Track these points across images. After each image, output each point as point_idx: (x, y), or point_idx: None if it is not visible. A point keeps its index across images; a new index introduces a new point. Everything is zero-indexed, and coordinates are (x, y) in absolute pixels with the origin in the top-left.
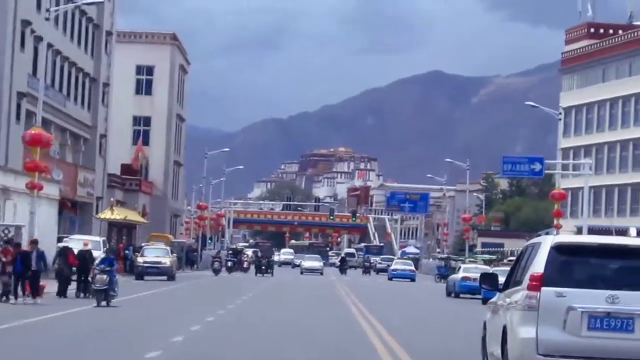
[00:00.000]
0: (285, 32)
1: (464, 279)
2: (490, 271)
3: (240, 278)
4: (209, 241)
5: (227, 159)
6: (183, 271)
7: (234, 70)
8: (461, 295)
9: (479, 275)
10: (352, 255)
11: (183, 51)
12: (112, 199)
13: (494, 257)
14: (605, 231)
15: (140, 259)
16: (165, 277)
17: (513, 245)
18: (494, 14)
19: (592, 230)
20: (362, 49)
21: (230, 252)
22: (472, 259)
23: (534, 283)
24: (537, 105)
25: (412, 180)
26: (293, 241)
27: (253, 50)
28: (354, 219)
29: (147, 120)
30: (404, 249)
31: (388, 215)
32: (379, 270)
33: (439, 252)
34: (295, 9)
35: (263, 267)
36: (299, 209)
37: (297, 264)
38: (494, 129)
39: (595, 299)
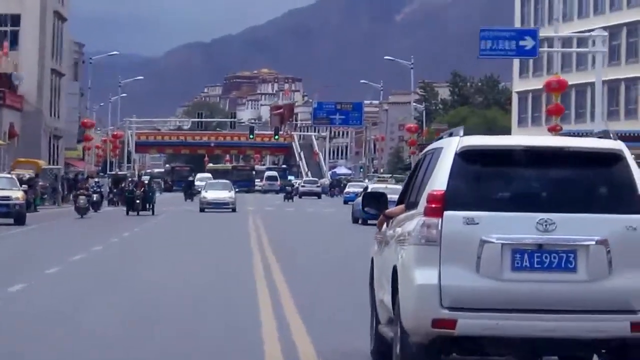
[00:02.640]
0: None
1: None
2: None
3: (110, 218)
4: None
5: (149, 84)
6: (58, 206)
7: None
8: (369, 222)
9: None
10: (274, 178)
11: None
12: None
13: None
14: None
15: None
16: (11, 220)
17: None
18: None
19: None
20: None
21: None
22: (381, 178)
23: (432, 205)
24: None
25: (340, 98)
26: (211, 164)
27: None
28: (276, 137)
29: (15, 19)
30: (333, 170)
31: (315, 132)
32: (301, 195)
33: (375, 173)
34: None
35: (137, 202)
36: (217, 129)
37: None
38: (419, 47)
39: (522, 226)
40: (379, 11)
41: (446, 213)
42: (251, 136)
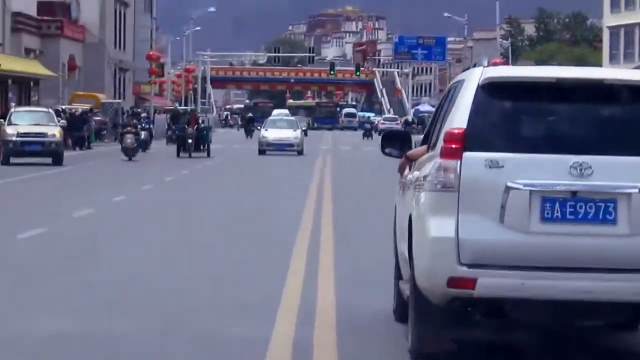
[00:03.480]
0: None
1: None
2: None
3: (158, 160)
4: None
5: (235, 27)
6: (106, 142)
7: None
8: None
9: None
10: (352, 115)
11: None
12: None
13: None
14: None
15: (9, 130)
16: (50, 159)
17: None
18: None
19: None
20: None
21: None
22: None
23: (450, 146)
24: None
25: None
26: (291, 101)
27: None
28: (357, 73)
29: None
30: (417, 107)
31: (398, 69)
32: (381, 132)
33: None
34: None
35: (190, 141)
36: (299, 65)
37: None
38: None
39: (553, 170)
40: None
41: (466, 154)
42: (332, 72)
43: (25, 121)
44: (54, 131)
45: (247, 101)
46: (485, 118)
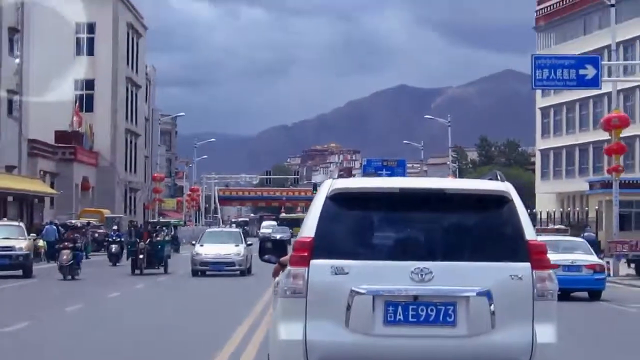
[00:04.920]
0: (287, 60)
1: None
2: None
3: (99, 277)
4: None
5: (248, 157)
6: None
7: (251, 91)
8: None
9: None
10: None
11: (132, 9)
12: None
13: None
14: None
15: None
16: (20, 271)
17: None
18: (445, 40)
19: None
20: (346, 70)
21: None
22: None
23: (299, 254)
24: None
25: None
26: (283, 214)
27: (264, 74)
28: None
29: (90, 84)
30: None
31: None
32: None
33: None
34: (295, 42)
35: (141, 257)
36: (291, 186)
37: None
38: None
39: (396, 276)
40: (416, 102)
41: (313, 262)
42: (314, 191)
43: None
44: (22, 244)
45: (252, 214)
46: (333, 227)
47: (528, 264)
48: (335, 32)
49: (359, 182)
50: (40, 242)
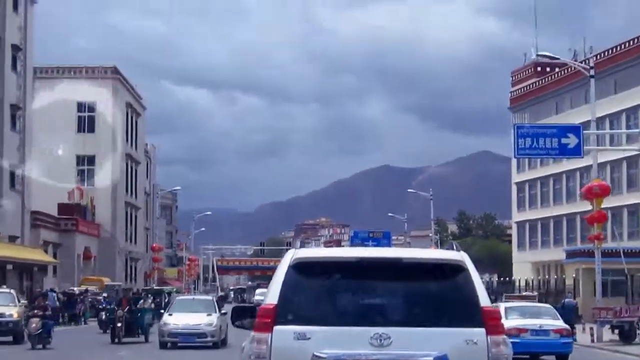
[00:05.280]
0: (280, 142)
1: None
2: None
3: (72, 346)
4: (198, 286)
5: (244, 230)
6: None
7: (247, 170)
8: None
9: None
10: None
11: (130, 89)
12: None
13: None
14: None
15: None
16: (10, 337)
17: None
18: (425, 125)
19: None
20: (334, 151)
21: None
22: None
23: (263, 320)
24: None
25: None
26: None
27: (260, 155)
28: None
29: (91, 160)
30: None
31: None
32: None
33: None
34: (287, 126)
35: (119, 325)
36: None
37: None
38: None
39: (355, 341)
40: (399, 180)
41: (276, 328)
42: None
43: None
44: (12, 311)
45: (250, 282)
46: (295, 294)
47: (483, 330)
48: (323, 117)
49: (319, 252)
50: None
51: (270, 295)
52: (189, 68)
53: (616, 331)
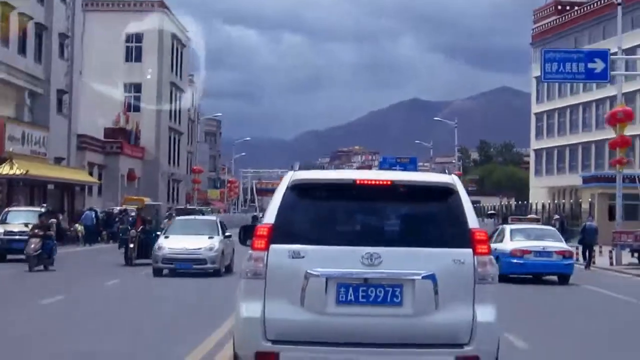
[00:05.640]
0: (320, 77)
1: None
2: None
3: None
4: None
5: (284, 157)
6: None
7: (289, 102)
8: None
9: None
10: None
11: (176, 22)
12: (10, 149)
13: None
14: None
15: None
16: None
17: (487, 202)
18: (452, 63)
19: None
20: (369, 85)
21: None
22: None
23: (260, 239)
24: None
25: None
26: None
27: (300, 89)
28: None
29: (137, 87)
30: None
31: None
32: None
33: None
34: (326, 64)
35: (132, 246)
36: None
37: None
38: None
39: (347, 260)
40: (427, 112)
41: (272, 246)
42: None
43: (18, 220)
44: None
45: None
46: (291, 215)
47: (470, 250)
48: (360, 54)
49: (316, 174)
50: (79, 227)
51: (268, 215)
52: (240, 9)
53: (636, 254)
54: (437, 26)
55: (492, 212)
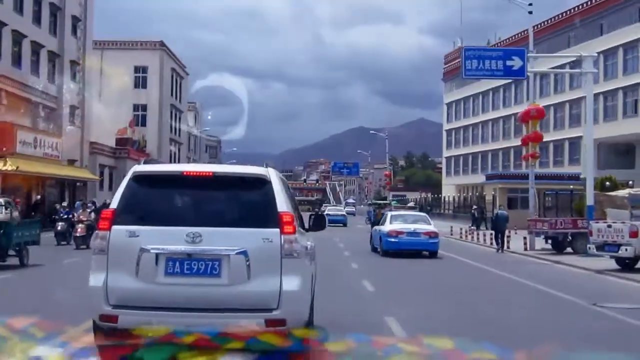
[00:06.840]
0: (297, 112)
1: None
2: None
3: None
4: None
5: (275, 167)
6: None
7: (275, 129)
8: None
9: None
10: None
11: (175, 59)
12: (3, 149)
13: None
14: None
15: None
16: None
17: (411, 195)
18: (385, 100)
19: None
20: (330, 117)
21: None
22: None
23: (104, 221)
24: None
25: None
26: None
27: (285, 120)
28: (317, 183)
29: (144, 107)
30: (347, 200)
31: (337, 182)
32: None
33: (367, 201)
34: (298, 102)
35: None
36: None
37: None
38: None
39: (174, 238)
40: (369, 135)
41: (114, 227)
42: (304, 182)
43: None
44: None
45: None
46: (131, 201)
47: (278, 230)
48: (324, 95)
49: (153, 167)
50: None
51: (113, 201)
52: (241, 65)
53: (549, 241)
54: (375, 77)
55: (412, 204)
